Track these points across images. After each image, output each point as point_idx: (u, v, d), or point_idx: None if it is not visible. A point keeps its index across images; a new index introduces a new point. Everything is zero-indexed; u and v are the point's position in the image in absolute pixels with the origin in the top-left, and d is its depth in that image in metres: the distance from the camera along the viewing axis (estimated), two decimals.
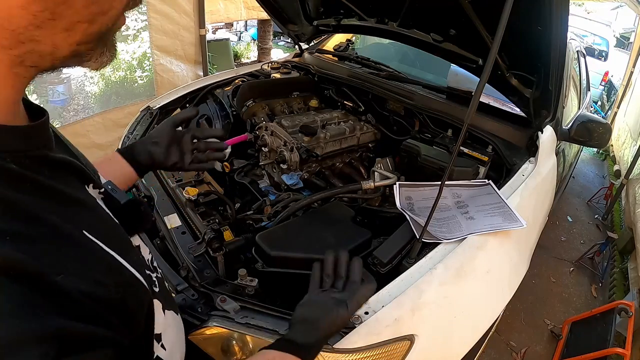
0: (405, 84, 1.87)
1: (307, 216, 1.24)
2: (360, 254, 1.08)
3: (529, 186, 1.28)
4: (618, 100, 4.52)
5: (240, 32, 8.81)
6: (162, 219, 1.16)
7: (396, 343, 0.83)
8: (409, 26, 1.71)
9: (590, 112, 2.14)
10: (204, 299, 0.94)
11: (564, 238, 2.98)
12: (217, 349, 0.91)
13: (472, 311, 1.00)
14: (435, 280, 0.92)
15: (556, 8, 1.02)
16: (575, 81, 2.30)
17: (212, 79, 2.09)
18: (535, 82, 1.37)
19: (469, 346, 1.01)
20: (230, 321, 0.86)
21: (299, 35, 2.33)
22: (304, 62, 2.31)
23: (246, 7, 3.87)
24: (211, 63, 4.45)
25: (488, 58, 0.72)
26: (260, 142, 1.59)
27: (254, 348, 0.86)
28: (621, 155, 3.82)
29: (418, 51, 1.83)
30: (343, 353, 0.79)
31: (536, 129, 1.46)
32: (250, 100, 1.80)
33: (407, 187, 1.26)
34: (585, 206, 3.51)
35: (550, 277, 2.53)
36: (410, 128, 1.77)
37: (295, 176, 1.48)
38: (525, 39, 1.22)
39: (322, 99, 2.05)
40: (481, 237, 1.04)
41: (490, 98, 1.82)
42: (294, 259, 1.03)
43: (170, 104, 1.86)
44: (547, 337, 2.08)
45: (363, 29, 2.00)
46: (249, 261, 1.09)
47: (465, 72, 1.64)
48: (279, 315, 0.86)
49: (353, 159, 1.73)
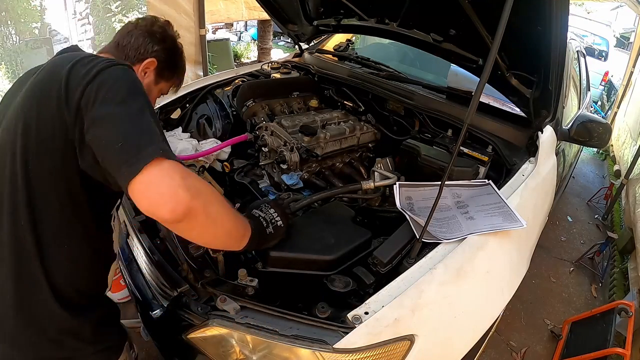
0: (405, 84, 1.87)
1: (307, 216, 1.24)
2: (360, 254, 1.08)
3: (529, 186, 1.28)
4: (618, 100, 4.52)
5: (240, 32, 8.82)
6: None
7: (396, 343, 0.83)
8: (409, 26, 1.71)
9: (590, 112, 2.15)
10: (204, 299, 0.94)
11: (564, 238, 2.99)
12: (217, 349, 0.91)
13: (472, 311, 1.00)
14: (435, 280, 0.92)
15: (556, 8, 1.02)
16: (575, 81, 2.30)
17: (212, 79, 2.09)
18: (535, 82, 1.37)
19: (469, 346, 1.01)
20: (230, 321, 0.86)
21: (299, 35, 2.33)
22: (304, 62, 2.31)
23: (247, 7, 3.87)
24: (211, 63, 4.45)
25: (488, 58, 0.72)
26: (260, 142, 1.59)
27: (254, 348, 0.86)
28: (621, 155, 3.82)
29: (418, 51, 1.83)
30: (343, 353, 0.79)
31: (536, 129, 1.46)
32: (250, 100, 1.80)
33: (407, 187, 1.26)
34: (585, 206, 3.51)
35: (550, 277, 2.53)
36: (410, 128, 1.77)
37: (295, 176, 1.48)
38: (525, 39, 1.22)
39: (322, 99, 2.05)
40: (481, 237, 1.04)
41: (490, 98, 1.81)
42: (294, 259, 1.03)
43: (170, 103, 1.86)
44: (547, 337, 2.08)
45: (363, 29, 2.00)
46: (249, 261, 1.09)
47: (465, 72, 1.64)
48: (279, 315, 0.86)
49: (353, 159, 1.72)
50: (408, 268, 0.95)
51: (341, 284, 0.98)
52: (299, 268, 1.03)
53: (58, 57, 0.81)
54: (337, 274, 1.01)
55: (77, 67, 0.72)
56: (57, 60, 0.78)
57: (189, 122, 1.84)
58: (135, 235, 1.22)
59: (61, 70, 0.72)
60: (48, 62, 0.80)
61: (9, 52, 2.77)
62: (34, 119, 0.71)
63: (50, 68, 0.76)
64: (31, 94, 0.74)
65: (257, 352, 0.86)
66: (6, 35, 2.80)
